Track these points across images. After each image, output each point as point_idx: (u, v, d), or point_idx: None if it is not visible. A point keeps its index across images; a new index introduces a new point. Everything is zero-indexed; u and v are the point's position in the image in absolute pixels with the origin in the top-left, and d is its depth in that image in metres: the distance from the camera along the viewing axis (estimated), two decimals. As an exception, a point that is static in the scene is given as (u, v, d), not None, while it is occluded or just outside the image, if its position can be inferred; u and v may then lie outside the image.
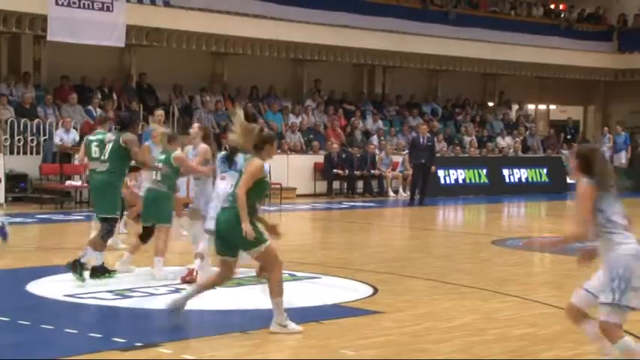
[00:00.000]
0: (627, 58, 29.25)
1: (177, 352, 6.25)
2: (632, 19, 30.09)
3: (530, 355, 6.44)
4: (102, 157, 9.18)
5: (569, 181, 25.16)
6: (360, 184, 22.01)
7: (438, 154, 21.94)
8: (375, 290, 8.85)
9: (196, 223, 9.17)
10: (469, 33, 25.50)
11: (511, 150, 25.90)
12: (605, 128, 27.95)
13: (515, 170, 24.50)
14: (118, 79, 21.33)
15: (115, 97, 20.48)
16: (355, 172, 21.76)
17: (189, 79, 22.08)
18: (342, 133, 23.25)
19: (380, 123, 24.49)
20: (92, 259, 8.82)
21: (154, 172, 9.21)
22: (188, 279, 8.90)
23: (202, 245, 8.89)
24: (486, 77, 28.81)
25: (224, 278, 7.10)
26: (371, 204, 20.15)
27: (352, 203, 20.09)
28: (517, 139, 26.51)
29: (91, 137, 10.46)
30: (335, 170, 21.40)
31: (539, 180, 24.92)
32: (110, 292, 8.38)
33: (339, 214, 18.39)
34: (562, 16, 29.81)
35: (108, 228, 8.94)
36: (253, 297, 8.48)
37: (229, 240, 6.82)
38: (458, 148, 24.63)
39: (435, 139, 22.24)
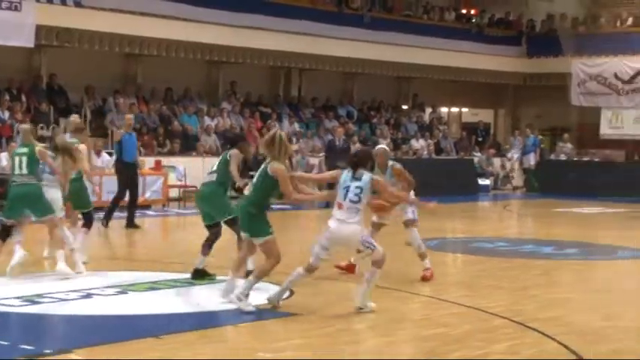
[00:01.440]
0: (535, 63, 29.95)
1: (88, 358, 6.14)
2: (540, 25, 30.85)
3: (441, 355, 6.53)
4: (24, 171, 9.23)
5: (480, 182, 25.68)
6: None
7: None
8: (291, 292, 8.84)
9: None
10: (383, 36, 25.77)
11: (425, 152, 26.27)
12: (516, 131, 28.62)
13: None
14: (26, 80, 20.82)
15: (23, 98, 19.99)
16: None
17: (102, 80, 21.68)
18: (259, 136, 23.19)
19: (296, 126, 24.54)
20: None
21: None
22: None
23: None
24: (400, 80, 29.15)
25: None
26: (287, 206, 20.13)
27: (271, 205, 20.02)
28: (430, 141, 26.91)
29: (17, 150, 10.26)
30: (251, 172, 21.23)
31: (452, 182, 25.30)
32: (18, 298, 8.17)
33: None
34: (473, 20, 30.37)
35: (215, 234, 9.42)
36: (167, 301, 8.41)
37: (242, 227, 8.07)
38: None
39: (351, 142, 22.40)
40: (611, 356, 6.60)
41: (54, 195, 9.52)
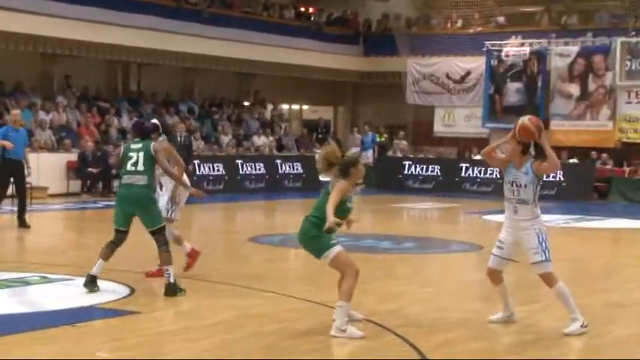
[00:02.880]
0: (371, 62, 30.66)
1: None
2: (376, 24, 31.60)
3: (281, 350, 6.59)
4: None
5: (321, 179, 26.08)
6: (116, 182, 21.50)
7: (195, 153, 21.92)
8: (132, 290, 8.70)
9: None
10: (223, 32, 25.69)
11: (267, 149, 26.41)
12: (355, 128, 29.22)
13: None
14: None
15: None
16: (111, 170, 21.26)
17: None
18: (97, 131, 22.62)
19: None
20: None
21: None
22: None
23: None
24: (242, 76, 29.15)
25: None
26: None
27: (108, 202, 19.57)
28: (272, 137, 27.07)
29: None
30: (89, 169, 20.80)
31: (294, 178, 25.69)
32: None
33: (94, 214, 17.90)
34: (312, 19, 30.76)
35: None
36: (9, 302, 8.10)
37: (306, 248, 7.26)
38: (215, 146, 24.80)
39: (193, 138, 22.19)
40: (444, 346, 6.86)
41: None
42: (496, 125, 26.13)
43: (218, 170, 23.51)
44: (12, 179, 14.25)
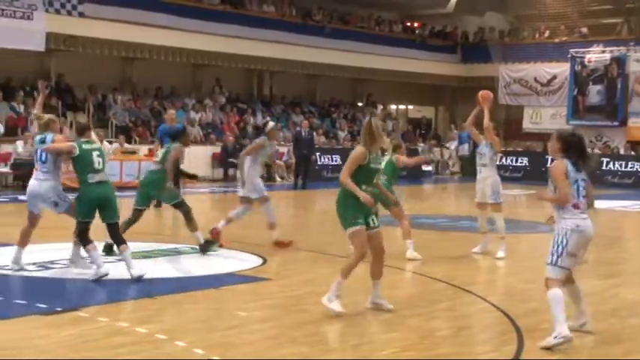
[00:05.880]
0: (468, 68, 30.14)
1: (93, 316, 6.08)
2: (472, 36, 31.02)
3: (387, 313, 6.55)
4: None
5: (424, 169, 25.84)
6: (250, 171, 21.91)
7: (317, 146, 22.08)
8: (265, 261, 8.84)
9: None
10: (342, 44, 25.75)
11: (376, 142, 26.30)
12: (452, 125, 28.79)
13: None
14: (39, 79, 20.47)
15: (36, 95, 19.67)
16: (245, 160, 21.68)
17: (103, 80, 21.44)
18: (236, 128, 23.09)
19: (268, 119, 24.42)
20: None
21: None
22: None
23: None
24: (356, 81, 29.14)
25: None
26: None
27: (244, 187, 19.97)
28: (382, 133, 26.96)
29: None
30: (230, 159, 21.25)
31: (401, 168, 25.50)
32: (34, 264, 8.06)
33: (234, 197, 18.20)
34: (417, 32, 30.44)
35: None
36: (158, 268, 8.36)
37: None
38: (334, 140, 24.90)
39: (315, 133, 22.39)
40: (532, 313, 6.68)
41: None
42: (579, 122, 25.24)
43: (336, 160, 23.59)
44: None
